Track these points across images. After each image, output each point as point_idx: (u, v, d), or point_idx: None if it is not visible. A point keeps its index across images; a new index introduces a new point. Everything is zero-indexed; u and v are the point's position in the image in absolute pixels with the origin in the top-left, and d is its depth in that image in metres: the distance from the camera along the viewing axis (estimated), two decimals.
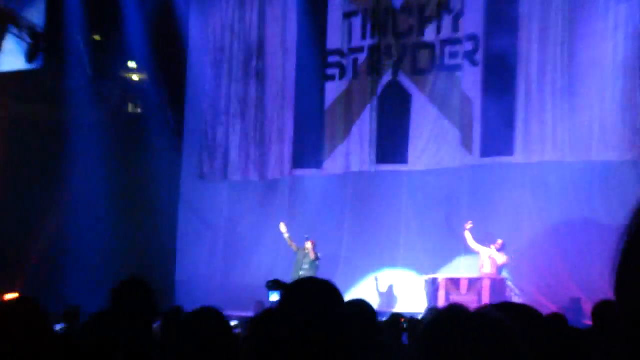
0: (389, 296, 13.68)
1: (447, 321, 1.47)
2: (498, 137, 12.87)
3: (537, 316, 2.25)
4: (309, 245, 12.56)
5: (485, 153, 13.06)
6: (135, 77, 15.91)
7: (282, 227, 13.15)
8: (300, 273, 12.37)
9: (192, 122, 15.87)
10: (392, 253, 13.86)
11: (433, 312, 1.57)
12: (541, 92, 12.73)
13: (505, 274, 12.29)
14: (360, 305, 3.27)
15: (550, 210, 12.68)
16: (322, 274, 12.20)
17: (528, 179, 12.96)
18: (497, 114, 12.82)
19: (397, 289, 13.74)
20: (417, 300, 12.74)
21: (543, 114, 12.67)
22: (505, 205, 12.90)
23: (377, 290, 13.81)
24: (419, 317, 7.32)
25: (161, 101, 15.51)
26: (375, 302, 12.77)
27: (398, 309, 12.25)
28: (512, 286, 12.17)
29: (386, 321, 5.81)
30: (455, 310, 1.50)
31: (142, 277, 3.20)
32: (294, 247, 12.92)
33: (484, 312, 1.49)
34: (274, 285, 11.55)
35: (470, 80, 13.26)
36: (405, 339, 5.91)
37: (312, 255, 12.51)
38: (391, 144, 13.98)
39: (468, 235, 12.35)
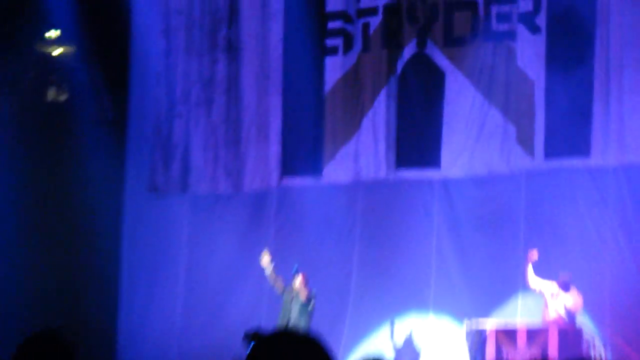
0: (410, 352, 13.68)
1: None
2: (568, 131, 12.95)
3: None
4: (297, 282, 12.27)
5: (550, 154, 13.14)
6: (57, 52, 15.75)
7: (265, 258, 12.78)
8: (289, 321, 12.21)
9: (138, 114, 15.90)
10: (420, 292, 13.85)
11: None
12: (628, 69, 12.72)
13: (581, 321, 12.32)
14: None
15: None
16: (325, 321, 12.24)
17: (610, 188, 12.99)
18: (567, 100, 12.91)
19: (426, 341, 13.74)
20: (455, 358, 12.76)
21: (631, 99, 12.67)
22: (578, 225, 12.96)
23: (392, 342, 13.82)
24: None
25: (95, 85, 15.38)
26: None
27: None
28: (591, 337, 12.14)
29: None
30: None
31: (58, 330, 3.10)
32: (278, 286, 12.63)
33: None
34: (255, 337, 11.27)
35: (528, 53, 13.35)
36: None
37: (302, 296, 12.27)
38: (417, 141, 14.09)
39: (530, 270, 12.30)
